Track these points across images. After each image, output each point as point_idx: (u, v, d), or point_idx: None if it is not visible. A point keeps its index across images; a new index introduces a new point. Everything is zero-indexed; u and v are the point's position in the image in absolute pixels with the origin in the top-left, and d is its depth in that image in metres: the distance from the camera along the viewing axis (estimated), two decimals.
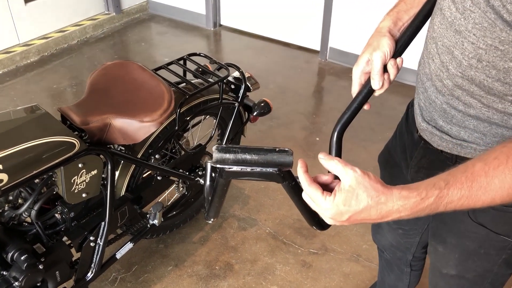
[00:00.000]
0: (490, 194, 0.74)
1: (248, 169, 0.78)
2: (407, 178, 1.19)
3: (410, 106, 1.20)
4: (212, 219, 1.00)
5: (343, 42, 3.73)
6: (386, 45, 1.00)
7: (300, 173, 0.79)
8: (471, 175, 0.74)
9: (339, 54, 3.79)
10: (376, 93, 1.03)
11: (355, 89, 1.05)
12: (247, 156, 0.79)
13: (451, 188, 0.74)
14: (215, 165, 0.79)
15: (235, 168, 0.79)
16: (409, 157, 1.17)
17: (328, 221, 0.80)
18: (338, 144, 0.99)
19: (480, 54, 0.83)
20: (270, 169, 0.78)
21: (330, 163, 0.78)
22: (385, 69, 1.00)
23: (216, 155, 0.79)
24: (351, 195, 0.74)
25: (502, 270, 1.09)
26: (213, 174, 0.93)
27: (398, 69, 1.02)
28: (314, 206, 0.80)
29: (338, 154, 0.98)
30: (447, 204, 0.75)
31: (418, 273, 1.56)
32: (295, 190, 0.84)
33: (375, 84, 1.00)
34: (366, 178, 0.74)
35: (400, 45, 1.02)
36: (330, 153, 0.98)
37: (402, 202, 0.74)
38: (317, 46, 3.91)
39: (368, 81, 1.02)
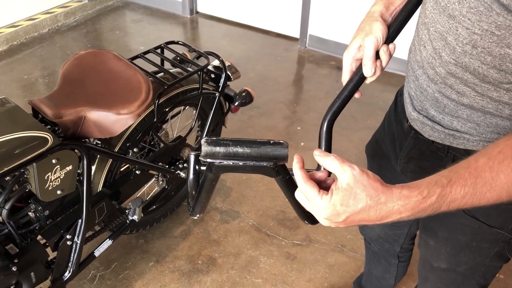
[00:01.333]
0: (496, 190, 0.69)
1: (240, 163, 0.73)
2: (396, 169, 1.15)
3: (399, 95, 1.16)
4: (198, 215, 0.95)
5: (322, 29, 3.69)
6: (379, 30, 0.95)
7: (296, 169, 0.74)
8: (474, 170, 0.70)
9: (319, 42, 3.74)
10: (368, 81, 0.99)
11: (345, 76, 1.00)
12: (239, 149, 0.73)
13: (454, 185, 0.69)
14: (204, 160, 0.74)
15: (226, 163, 0.73)
16: (398, 147, 1.13)
17: (323, 222, 0.74)
18: (328, 135, 0.94)
19: (475, 40, 0.79)
20: (264, 163, 0.73)
21: (327, 160, 0.72)
22: (377, 56, 0.96)
23: (205, 148, 0.73)
24: (349, 194, 0.69)
25: (494, 263, 1.07)
26: (197, 167, 0.87)
27: (391, 56, 0.97)
28: (308, 206, 0.74)
29: (328, 145, 0.93)
30: (450, 203, 0.70)
31: (406, 264, 1.54)
32: (289, 184, 0.79)
33: (367, 71, 0.96)
34: (365, 177, 0.69)
35: (392, 31, 0.97)
36: (319, 144, 0.93)
37: (403, 202, 0.69)
38: (296, 34, 3.85)
39: (359, 68, 0.97)
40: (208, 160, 0.73)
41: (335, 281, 2.00)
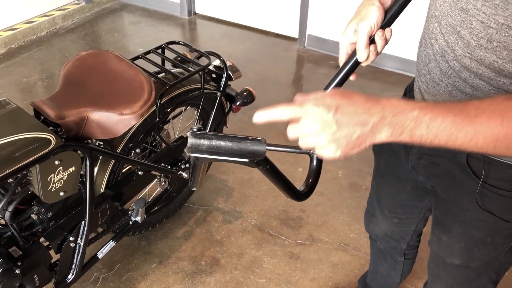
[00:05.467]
0: (474, 127, 0.68)
1: (222, 157, 0.78)
2: (406, 165, 1.14)
3: (408, 91, 1.15)
4: (194, 188, 0.98)
5: (321, 29, 3.68)
6: (374, 16, 0.94)
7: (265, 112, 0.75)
8: (462, 104, 0.71)
9: (318, 41, 3.74)
10: (363, 64, 1.00)
11: (342, 59, 1.01)
12: (221, 143, 0.78)
13: (438, 106, 0.70)
14: (189, 153, 0.78)
15: (209, 156, 0.78)
16: (409, 144, 1.12)
17: (315, 140, 0.72)
18: None
19: (491, 34, 0.78)
20: (243, 159, 0.78)
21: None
22: (372, 40, 0.96)
23: (190, 140, 0.78)
24: (334, 91, 0.74)
25: (507, 258, 1.06)
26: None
27: (387, 41, 0.97)
28: (296, 129, 0.73)
29: None
30: (430, 121, 0.69)
31: (411, 261, 1.53)
32: (270, 171, 0.85)
33: (360, 56, 0.96)
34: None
35: (390, 15, 0.97)
36: None
37: (386, 99, 0.71)
38: (295, 34, 3.85)
39: (354, 51, 0.98)
40: (192, 154, 0.77)
41: (339, 280, 1.99)
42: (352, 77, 0.99)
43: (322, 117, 0.70)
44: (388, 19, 0.96)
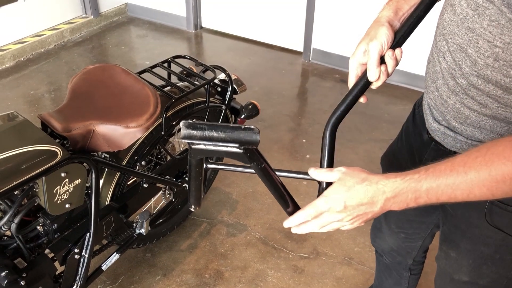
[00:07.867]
0: (467, 184, 0.75)
1: (214, 147, 0.78)
2: None
3: (417, 106, 1.15)
4: (192, 205, 0.96)
5: (326, 43, 3.71)
6: (384, 35, 0.95)
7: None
8: (451, 165, 0.77)
9: (322, 55, 3.76)
10: (373, 86, 0.99)
11: (351, 81, 1.01)
12: (214, 134, 0.77)
13: (430, 174, 0.78)
14: (183, 140, 0.79)
15: (201, 146, 0.78)
16: (417, 159, 1.12)
17: (334, 219, 0.85)
18: (332, 138, 0.95)
19: (497, 53, 0.78)
20: (234, 146, 0.77)
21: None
22: (383, 60, 0.96)
23: (183, 131, 0.77)
24: (340, 184, 0.83)
25: None
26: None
27: (397, 61, 0.97)
28: (320, 220, 0.86)
29: (331, 148, 0.94)
30: (428, 190, 0.78)
31: (417, 277, 1.52)
32: (265, 172, 0.83)
33: (371, 75, 0.96)
34: (350, 168, 0.84)
35: (400, 36, 0.97)
36: (322, 147, 0.94)
37: (384, 182, 0.80)
38: (300, 47, 3.88)
39: (365, 72, 0.98)
40: (185, 140, 0.77)
41: None
42: (362, 99, 0.99)
43: (336, 217, 0.84)
44: (399, 39, 0.97)
